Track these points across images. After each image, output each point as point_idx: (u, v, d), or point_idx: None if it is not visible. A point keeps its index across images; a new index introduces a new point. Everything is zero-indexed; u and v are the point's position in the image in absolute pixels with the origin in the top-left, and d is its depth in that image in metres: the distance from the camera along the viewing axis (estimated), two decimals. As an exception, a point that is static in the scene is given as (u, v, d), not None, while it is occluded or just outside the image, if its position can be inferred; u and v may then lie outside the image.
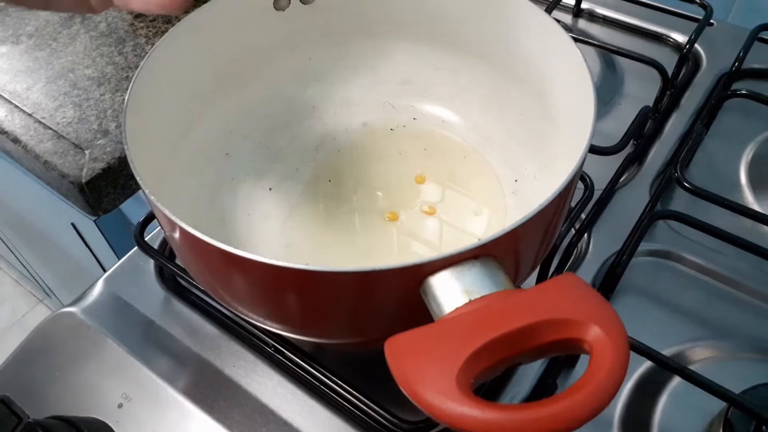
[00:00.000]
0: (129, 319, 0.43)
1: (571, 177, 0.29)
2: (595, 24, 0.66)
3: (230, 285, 0.30)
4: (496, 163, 0.44)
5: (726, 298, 0.43)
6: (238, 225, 0.41)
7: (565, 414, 0.21)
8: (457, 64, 0.46)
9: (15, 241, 1.11)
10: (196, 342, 0.41)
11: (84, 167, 0.54)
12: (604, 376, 0.22)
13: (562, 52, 0.37)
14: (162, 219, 0.30)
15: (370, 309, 0.29)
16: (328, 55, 0.48)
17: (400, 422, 0.36)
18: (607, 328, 0.23)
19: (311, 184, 0.44)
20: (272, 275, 0.27)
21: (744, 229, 0.47)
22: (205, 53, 0.41)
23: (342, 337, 0.32)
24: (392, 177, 0.44)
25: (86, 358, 0.40)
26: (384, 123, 0.48)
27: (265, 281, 0.28)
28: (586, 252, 0.46)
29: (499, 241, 0.26)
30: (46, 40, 0.68)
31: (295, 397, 0.38)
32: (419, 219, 0.42)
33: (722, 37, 0.63)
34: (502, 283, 0.26)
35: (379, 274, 0.25)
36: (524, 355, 0.24)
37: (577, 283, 0.25)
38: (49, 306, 1.53)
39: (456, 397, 0.22)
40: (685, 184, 0.45)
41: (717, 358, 0.40)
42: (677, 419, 0.37)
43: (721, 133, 0.54)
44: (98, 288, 0.45)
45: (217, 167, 0.43)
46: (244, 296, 0.31)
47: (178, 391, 0.39)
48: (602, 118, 0.56)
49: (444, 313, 0.25)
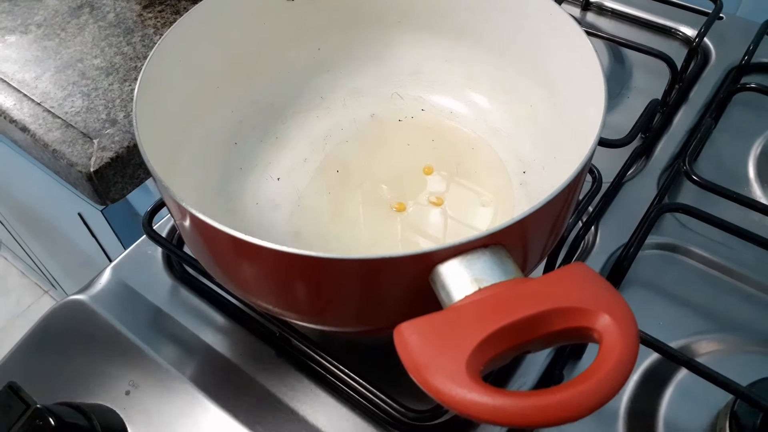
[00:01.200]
0: (136, 306, 0.43)
1: (579, 169, 0.29)
2: (604, 17, 0.66)
3: (240, 272, 0.31)
4: (504, 155, 0.44)
5: (733, 292, 0.43)
6: (246, 214, 0.41)
7: (573, 402, 0.22)
8: (467, 55, 0.46)
9: (21, 231, 1.11)
10: (203, 330, 0.42)
11: (92, 156, 0.54)
12: (613, 365, 0.22)
13: (573, 44, 0.37)
14: (172, 206, 0.30)
15: (379, 297, 0.29)
16: (337, 45, 0.48)
17: (407, 411, 0.36)
18: (617, 316, 0.23)
19: (319, 174, 0.44)
20: (282, 262, 0.27)
21: (752, 223, 0.47)
22: (214, 43, 0.41)
23: (350, 326, 0.33)
24: (400, 168, 0.44)
25: (94, 346, 0.41)
26: (392, 114, 0.48)
27: (275, 268, 0.28)
28: (594, 244, 0.46)
29: (508, 231, 0.26)
30: (54, 30, 0.68)
31: (302, 386, 0.39)
32: (426, 210, 0.42)
33: (732, 31, 0.62)
34: (511, 272, 0.26)
35: (389, 262, 0.25)
36: (533, 344, 0.24)
37: (586, 272, 0.25)
38: (55, 297, 1.53)
39: (466, 383, 0.22)
40: (693, 177, 0.44)
41: (724, 351, 0.40)
42: (683, 411, 0.37)
43: (729, 126, 0.54)
44: (106, 276, 0.45)
45: (225, 156, 0.43)
46: (253, 284, 0.31)
47: (185, 379, 0.39)
48: (610, 111, 0.56)
49: (453, 301, 0.25)
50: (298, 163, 0.45)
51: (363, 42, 0.48)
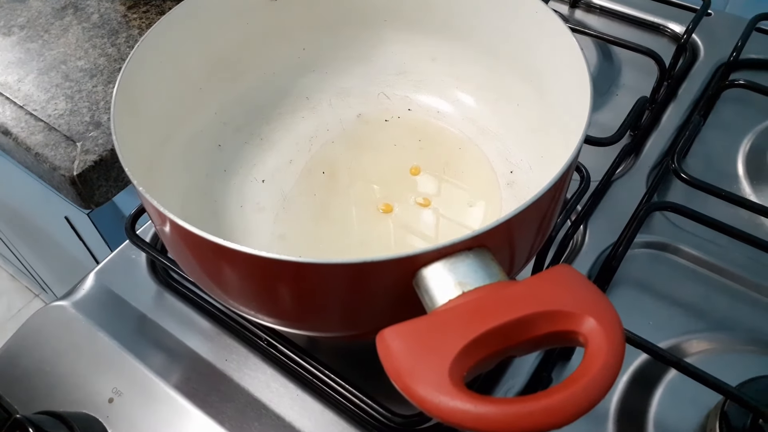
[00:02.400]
0: (120, 312, 0.42)
1: (566, 168, 0.28)
2: (592, 14, 0.66)
3: (222, 278, 0.30)
4: (491, 155, 0.44)
5: (723, 291, 0.43)
6: (230, 217, 0.41)
7: (559, 408, 0.21)
8: (453, 54, 0.46)
9: (10, 235, 1.10)
10: (188, 336, 0.41)
11: (76, 159, 0.53)
12: (599, 369, 0.22)
13: (559, 43, 0.36)
14: (152, 211, 0.30)
15: (363, 301, 0.28)
16: (322, 45, 0.47)
17: (393, 416, 0.35)
18: (602, 319, 0.23)
19: (305, 176, 0.43)
20: (264, 268, 0.27)
21: (741, 221, 0.47)
22: (196, 43, 0.41)
23: (334, 331, 0.32)
24: (387, 169, 0.44)
25: (77, 353, 0.40)
26: (379, 114, 0.47)
27: (257, 274, 0.28)
28: (582, 244, 0.45)
29: (492, 233, 0.26)
30: (37, 32, 0.67)
31: (287, 391, 0.38)
32: (414, 211, 0.42)
33: (720, 28, 0.62)
34: (495, 275, 0.25)
35: (372, 266, 0.25)
36: (518, 348, 0.24)
37: (572, 274, 0.25)
38: (45, 301, 1.52)
39: (448, 390, 0.22)
40: (682, 175, 0.44)
41: (713, 350, 0.40)
42: (673, 412, 0.37)
43: (718, 124, 0.54)
44: (89, 281, 0.44)
45: (209, 159, 0.43)
46: (236, 290, 0.31)
47: (169, 386, 0.38)
48: (599, 109, 0.56)
49: (437, 305, 0.25)
50: (284, 165, 0.44)
51: (349, 42, 0.47)
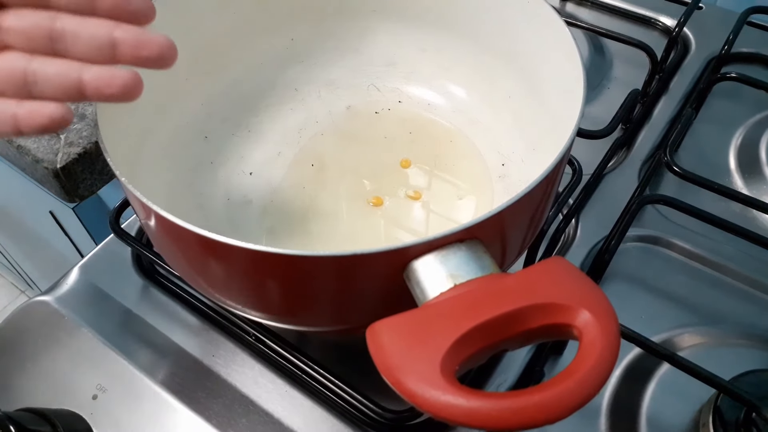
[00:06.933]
0: (105, 308, 0.41)
1: (558, 160, 0.28)
2: (583, 7, 0.65)
3: (209, 272, 0.29)
4: (483, 147, 0.43)
5: (715, 284, 0.43)
6: (216, 210, 0.40)
7: (553, 402, 0.21)
8: (444, 45, 0.45)
9: (-6, 230, 1.09)
10: (174, 331, 0.40)
11: (59, 152, 0.52)
12: (594, 363, 0.21)
13: (552, 34, 0.36)
14: (136, 204, 0.29)
15: (353, 295, 0.28)
16: (311, 35, 0.46)
17: (384, 412, 0.35)
18: (596, 312, 0.22)
19: (293, 168, 0.43)
20: (251, 261, 0.26)
21: (733, 214, 0.46)
22: (180, 31, 0.39)
23: (324, 325, 0.31)
24: (377, 161, 0.43)
25: (60, 349, 0.39)
26: (369, 106, 0.46)
27: (244, 267, 0.27)
28: (574, 237, 0.45)
29: (484, 225, 0.25)
30: (20, 22, 0.66)
31: (276, 387, 0.37)
32: (404, 204, 0.41)
33: (711, 21, 0.62)
34: (488, 267, 0.25)
35: (362, 258, 0.24)
36: (511, 341, 0.24)
37: (565, 266, 0.24)
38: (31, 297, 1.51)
39: (440, 385, 0.21)
40: (674, 168, 0.44)
41: (706, 344, 0.39)
42: (666, 406, 0.37)
43: (710, 117, 0.54)
44: (73, 276, 0.43)
45: (195, 150, 0.42)
46: (222, 284, 0.30)
47: (155, 382, 0.37)
48: (590, 102, 0.55)
49: (428, 298, 0.24)
50: (272, 157, 0.43)
51: (338, 32, 0.46)
